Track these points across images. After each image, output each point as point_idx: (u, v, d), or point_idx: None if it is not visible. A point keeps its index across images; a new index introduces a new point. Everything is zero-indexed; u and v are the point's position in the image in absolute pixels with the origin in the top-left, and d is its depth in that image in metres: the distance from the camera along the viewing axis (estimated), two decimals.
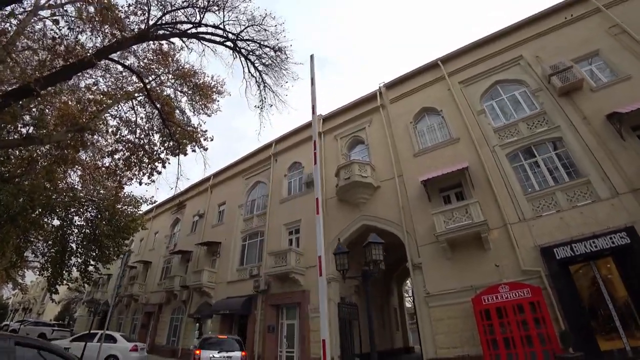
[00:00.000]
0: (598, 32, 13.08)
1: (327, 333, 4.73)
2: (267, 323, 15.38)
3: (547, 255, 10.52)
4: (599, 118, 11.44)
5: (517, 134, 13.01)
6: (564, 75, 12.36)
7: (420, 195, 13.86)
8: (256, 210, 20.54)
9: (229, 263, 19.32)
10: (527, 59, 14.08)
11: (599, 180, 10.78)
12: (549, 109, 12.67)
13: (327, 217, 16.01)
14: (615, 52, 12.40)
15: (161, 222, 28.80)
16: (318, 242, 5.61)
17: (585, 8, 13.80)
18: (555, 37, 14.00)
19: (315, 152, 6.91)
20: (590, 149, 11.24)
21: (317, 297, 14.19)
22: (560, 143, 12.12)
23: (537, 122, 12.85)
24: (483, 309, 10.39)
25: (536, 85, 13.39)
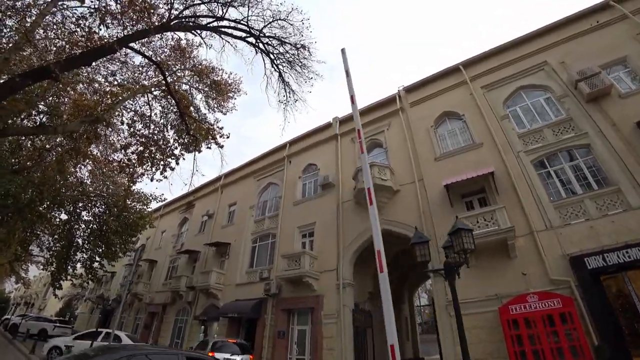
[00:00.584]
0: (625, 39, 12.89)
1: (395, 338, 4.27)
2: (277, 328, 14.89)
3: (577, 265, 10.13)
4: (628, 125, 11.17)
5: (543, 140, 12.74)
6: (592, 82, 12.13)
7: (442, 200, 13.50)
8: (268, 212, 20.16)
9: (238, 265, 18.89)
10: (552, 65, 13.88)
11: (630, 189, 10.45)
12: (575, 116, 12.41)
13: (343, 220, 15.66)
14: None
15: (169, 221, 28.45)
16: (375, 234, 5.24)
17: (611, 15, 13.64)
18: (580, 44, 13.80)
19: (360, 140, 6.61)
20: (621, 156, 10.95)
21: (331, 302, 13.82)
22: (588, 150, 11.84)
23: (563, 128, 12.58)
24: (511, 318, 9.99)
25: (562, 91, 13.17)
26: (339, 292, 13.96)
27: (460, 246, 7.33)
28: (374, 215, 5.35)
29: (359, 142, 6.56)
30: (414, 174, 14.77)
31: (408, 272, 20.67)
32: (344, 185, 16.73)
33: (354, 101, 6.95)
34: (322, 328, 13.68)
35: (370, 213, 5.49)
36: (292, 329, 15.04)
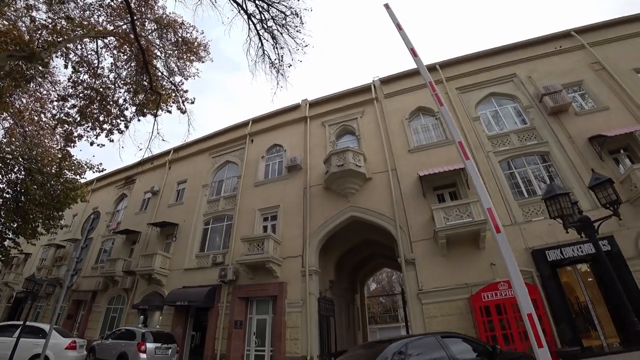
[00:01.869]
0: (582, 65, 14.49)
1: (531, 307, 4.15)
2: (233, 317, 13.68)
3: (538, 258, 10.94)
4: (582, 139, 12.50)
5: (509, 143, 13.69)
6: (555, 97, 13.32)
7: (415, 191, 13.60)
8: (224, 192, 18.58)
9: (188, 248, 17.12)
10: (520, 78, 15.08)
11: (581, 194, 11.62)
12: (538, 125, 13.57)
13: (310, 205, 15.00)
14: (596, 85, 13.80)
15: (102, 197, 24.85)
16: (480, 193, 5.23)
17: (572, 43, 15.28)
18: (545, 63, 15.20)
19: (436, 93, 6.47)
20: (575, 165, 12.18)
21: (295, 290, 13.11)
22: (548, 157, 12.99)
23: (527, 135, 13.67)
24: (483, 305, 10.30)
25: (527, 102, 14.32)
26: (305, 280, 13.27)
27: (607, 198, 7.13)
28: (474, 171, 5.49)
29: (435, 95, 6.39)
30: (387, 164, 14.67)
31: (364, 262, 20.72)
32: (312, 169, 16.05)
33: (416, 54, 6.68)
34: (286, 317, 12.88)
35: (469, 170, 5.62)
36: (251, 318, 13.97)
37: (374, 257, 20.34)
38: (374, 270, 27.07)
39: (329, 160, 14.63)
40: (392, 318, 43.56)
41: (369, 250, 18.48)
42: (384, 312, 44.10)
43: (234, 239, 15.74)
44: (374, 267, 23.43)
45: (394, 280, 47.06)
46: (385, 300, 47.79)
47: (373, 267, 23.62)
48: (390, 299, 46.14)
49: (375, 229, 15.36)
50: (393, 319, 43.80)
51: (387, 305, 45.16)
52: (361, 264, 20.67)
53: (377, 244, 17.30)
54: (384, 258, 20.34)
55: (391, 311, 45.41)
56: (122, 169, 24.86)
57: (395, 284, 47.49)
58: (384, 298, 46.36)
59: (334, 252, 16.19)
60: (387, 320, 41.92)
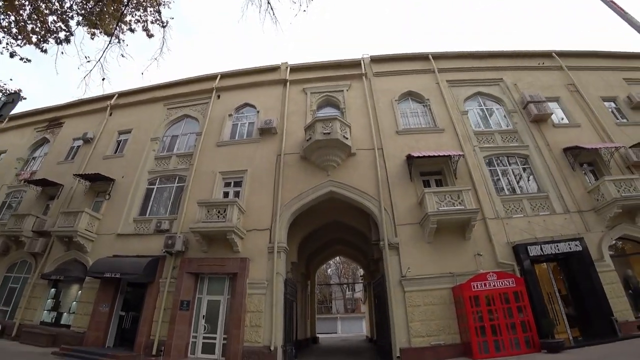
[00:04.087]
0: (560, 84, 15.47)
1: None
2: (179, 297, 11.27)
3: (518, 252, 10.85)
4: (557, 149, 13.11)
5: (493, 142, 13.76)
6: (539, 106, 13.82)
7: (402, 173, 12.74)
8: (178, 149, 15.67)
9: (124, 210, 13.98)
10: (507, 83, 15.45)
11: (555, 198, 12.08)
12: (520, 130, 13.94)
13: (283, 175, 13.11)
14: (570, 104, 14.76)
15: (13, 139, 19.45)
16: None
17: (552, 62, 16.29)
18: (530, 75, 15.91)
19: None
20: (551, 170, 12.62)
21: (259, 268, 11.32)
22: (527, 160, 13.30)
23: (510, 137, 13.93)
24: (473, 295, 9.70)
25: (512, 107, 14.68)
26: (272, 257, 11.38)
27: None
28: None
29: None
30: (373, 142, 13.55)
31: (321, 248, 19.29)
32: (288, 135, 14.18)
33: None
34: (246, 300, 10.86)
35: None
36: (200, 299, 11.59)
37: (335, 242, 19.05)
38: (329, 257, 25.95)
39: (313, 127, 12.87)
40: (326, 309, 43.25)
41: (334, 234, 17.13)
42: (319, 303, 43.62)
43: (186, 203, 13.12)
44: (330, 253, 22.25)
45: (329, 273, 46.77)
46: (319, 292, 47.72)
47: (329, 254, 22.45)
48: (326, 290, 45.73)
49: (347, 210, 14.17)
50: (327, 309, 43.52)
51: (321, 296, 44.76)
52: (320, 249, 19.26)
53: (346, 228, 16.01)
54: (344, 245, 19.21)
55: (326, 302, 45.08)
56: (47, 108, 20.04)
57: (334, 275, 47.22)
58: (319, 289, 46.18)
59: (298, 232, 14.51)
60: (322, 311, 41.46)
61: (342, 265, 44.64)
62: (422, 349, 9.59)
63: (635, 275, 11.18)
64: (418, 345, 9.65)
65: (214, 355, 10.69)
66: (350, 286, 44.61)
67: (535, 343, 9.19)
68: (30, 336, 12.06)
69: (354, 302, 43.89)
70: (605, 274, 10.38)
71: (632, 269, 11.32)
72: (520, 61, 16.38)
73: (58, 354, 10.47)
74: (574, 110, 14.49)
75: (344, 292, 44.79)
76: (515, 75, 15.79)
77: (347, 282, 44.86)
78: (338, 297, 45.11)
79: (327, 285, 44.91)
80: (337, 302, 44.78)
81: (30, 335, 12.08)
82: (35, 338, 11.95)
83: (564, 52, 16.66)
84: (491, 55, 16.63)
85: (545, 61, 16.29)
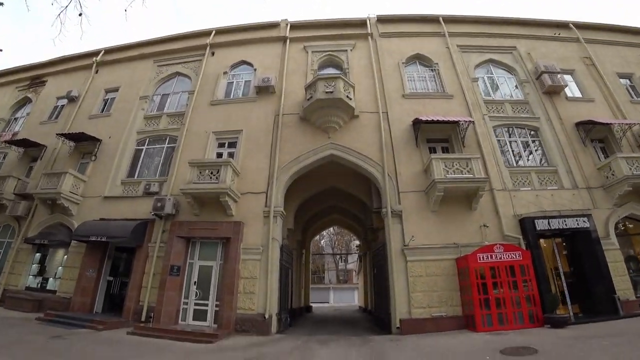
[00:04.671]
0: (576, 57, 14.45)
1: None
2: (168, 262, 10.46)
3: (525, 225, 10.23)
4: (569, 123, 12.27)
5: (503, 112, 12.87)
6: (553, 77, 12.84)
7: (408, 139, 11.84)
8: (168, 108, 14.39)
9: (111, 171, 12.88)
10: (520, 52, 14.38)
11: (564, 173, 11.36)
12: (532, 101, 13.02)
13: (281, 136, 12.07)
14: (585, 77, 13.82)
15: None
16: None
17: (568, 33, 15.15)
18: (544, 45, 14.78)
19: None
20: (561, 144, 11.83)
21: (254, 233, 10.49)
22: (538, 133, 12.46)
23: (520, 108, 13.04)
24: (478, 267, 9.08)
25: (524, 77, 13.70)
26: (268, 222, 10.53)
27: None
28: None
29: None
30: (378, 105, 12.49)
31: (318, 216, 18.53)
32: (287, 95, 13.00)
33: None
34: (240, 265, 10.10)
35: None
36: (192, 264, 10.74)
37: (332, 210, 18.26)
38: (325, 226, 25.34)
39: (314, 86, 11.71)
40: (319, 279, 43.42)
41: (331, 202, 16.28)
42: (312, 273, 43.70)
43: (177, 164, 12.06)
44: (326, 222, 21.52)
45: (322, 244, 46.60)
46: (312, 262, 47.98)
47: (325, 223, 21.73)
48: (319, 260, 45.73)
49: (347, 176, 13.33)
50: (320, 279, 43.70)
51: (314, 266, 44.90)
52: (316, 217, 18.48)
53: (344, 195, 15.17)
54: (341, 213, 18.46)
55: (319, 272, 45.22)
56: (29, 66, 18.39)
57: (327, 246, 47.12)
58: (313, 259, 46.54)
59: (295, 198, 13.64)
60: (315, 281, 41.65)
61: (335, 237, 44.44)
62: (423, 320, 9.03)
63: (637, 255, 10.84)
64: (419, 316, 9.09)
65: (205, 322, 10.02)
66: (343, 258, 44.59)
67: (539, 318, 8.70)
68: (15, 301, 11.31)
69: (346, 273, 44.09)
70: (610, 252, 9.91)
71: (634, 248, 10.98)
72: (535, 30, 15.23)
73: (42, 320, 9.71)
74: (588, 85, 13.60)
75: (337, 263, 44.87)
76: (529, 44, 14.67)
77: (341, 253, 44.75)
78: (331, 267, 45.24)
79: (321, 255, 44.76)
80: (330, 273, 44.96)
81: (15, 301, 11.32)
82: (20, 303, 11.20)
83: (581, 23, 15.54)
84: (505, 22, 15.42)
85: (561, 32, 15.20)
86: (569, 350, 6.32)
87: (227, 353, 7.17)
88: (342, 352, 7.11)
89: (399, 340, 8.06)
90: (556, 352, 6.23)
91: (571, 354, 6.09)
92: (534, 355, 6.22)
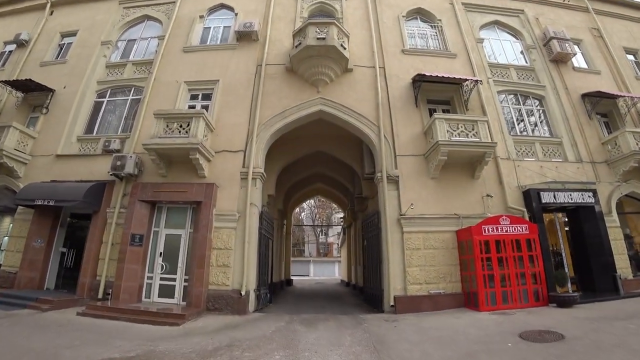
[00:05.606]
0: (584, 27, 13.33)
1: None
2: (130, 230, 8.64)
3: (529, 198, 9.11)
4: (575, 93, 11.24)
5: (508, 77, 11.55)
6: (562, 44, 11.63)
7: (406, 98, 10.29)
8: (134, 56, 12.06)
9: (66, 126, 10.61)
10: (528, 16, 12.97)
11: (568, 145, 10.42)
12: (538, 68, 11.82)
13: (263, 88, 10.13)
14: (592, 49, 12.78)
15: None
16: None
17: (578, 2, 13.86)
18: (553, 11, 13.51)
19: None
20: (567, 116, 10.82)
21: (229, 197, 8.82)
22: (543, 102, 11.33)
23: (526, 75, 11.81)
24: (483, 239, 7.88)
25: (531, 42, 12.38)
26: (246, 185, 8.81)
27: None
28: None
29: None
30: (374, 59, 10.78)
31: (301, 184, 16.86)
32: (272, 44, 10.99)
33: None
34: (212, 234, 8.44)
35: None
36: (157, 232, 8.91)
37: (316, 179, 16.59)
38: (308, 196, 23.69)
39: (304, 32, 9.74)
40: (299, 252, 42.46)
41: (316, 169, 14.60)
42: (293, 246, 42.68)
43: (142, 118, 9.94)
44: (310, 192, 19.87)
45: (303, 217, 45.24)
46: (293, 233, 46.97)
47: (308, 193, 20.08)
48: (300, 233, 44.38)
49: (335, 139, 11.88)
50: (300, 252, 42.75)
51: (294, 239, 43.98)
52: (299, 185, 16.74)
53: (330, 161, 13.55)
54: (326, 182, 16.84)
55: (299, 245, 44.11)
56: None
57: (308, 219, 45.84)
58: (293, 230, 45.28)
59: (278, 160, 11.94)
60: (295, 254, 40.73)
61: (317, 210, 43.17)
62: (420, 297, 7.82)
63: (631, 234, 10.28)
64: (415, 293, 7.88)
65: (172, 299, 8.40)
66: (324, 231, 43.55)
67: (544, 296, 7.73)
68: None
69: (326, 247, 43.26)
70: (611, 230, 9.16)
71: (629, 227, 10.36)
72: None
73: None
74: (595, 57, 12.52)
75: (318, 236, 43.89)
76: (537, 8, 13.26)
77: (323, 224, 43.54)
78: (311, 241, 44.24)
79: (300, 227, 43.15)
80: (310, 246, 44.01)
81: None
82: None
83: None
84: None
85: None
86: (599, 336, 5.22)
87: (193, 339, 5.64)
88: (333, 337, 5.73)
89: (395, 321, 6.79)
90: (588, 338, 5.09)
91: (604, 340, 4.97)
92: (561, 341, 5.07)
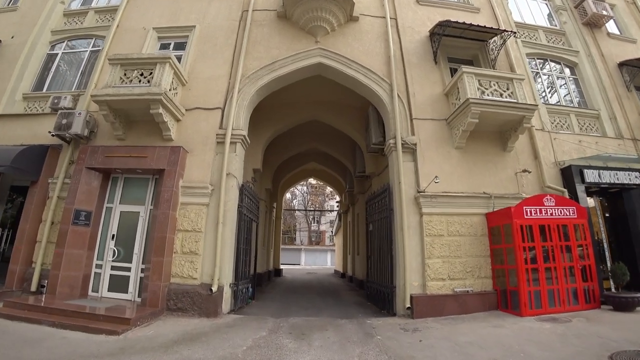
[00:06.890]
0: None
1: None
2: (73, 205, 6.43)
3: (571, 176, 7.22)
4: (612, 62, 9.46)
5: (536, 39, 9.63)
6: (597, 4, 9.81)
7: (423, 53, 8.20)
8: (99, 3, 9.72)
9: (10, 81, 8.15)
10: None
11: (607, 119, 8.65)
12: (569, 32, 9.96)
13: (249, 37, 7.85)
14: (626, 16, 11.04)
15: None
16: None
17: None
18: None
19: None
20: (604, 86, 8.99)
21: (201, 165, 6.66)
22: (576, 69, 9.48)
23: (556, 38, 9.90)
24: (525, 224, 5.96)
25: (560, 3, 10.47)
26: (223, 150, 6.64)
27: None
28: None
29: None
30: (385, 8, 8.63)
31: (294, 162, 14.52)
32: None
33: None
34: (178, 212, 6.31)
35: None
36: (110, 209, 6.76)
37: (310, 157, 14.25)
38: (301, 178, 21.31)
39: None
40: (289, 239, 40.40)
41: (310, 143, 12.31)
42: (283, 233, 40.49)
43: (99, 71, 7.59)
44: (303, 173, 17.51)
45: (294, 204, 42.89)
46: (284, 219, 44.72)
47: (302, 174, 17.74)
48: (291, 220, 42.05)
49: (334, 106, 9.79)
50: (291, 240, 40.69)
51: (285, 226, 41.82)
52: (291, 162, 14.35)
53: (328, 134, 11.30)
54: (321, 161, 14.51)
55: (290, 232, 41.94)
56: None
57: (300, 206, 43.50)
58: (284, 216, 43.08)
59: (265, 129, 9.74)
60: (285, 242, 38.65)
61: (309, 197, 41.01)
62: (443, 297, 5.87)
63: None
64: (437, 291, 5.92)
65: (126, 295, 6.27)
66: (316, 218, 41.45)
67: (596, 296, 5.91)
68: None
69: (319, 235, 41.29)
70: None
71: None
72: None
73: None
74: (629, 24, 10.76)
75: (309, 224, 41.82)
76: None
77: (316, 210, 41.25)
78: (303, 228, 42.15)
79: (291, 211, 40.54)
80: (302, 234, 41.94)
81: None
82: None
83: None
84: None
85: None
86: None
87: (131, 358, 3.56)
88: (334, 358, 3.68)
89: (417, 330, 4.82)
90: None
91: None
92: None
